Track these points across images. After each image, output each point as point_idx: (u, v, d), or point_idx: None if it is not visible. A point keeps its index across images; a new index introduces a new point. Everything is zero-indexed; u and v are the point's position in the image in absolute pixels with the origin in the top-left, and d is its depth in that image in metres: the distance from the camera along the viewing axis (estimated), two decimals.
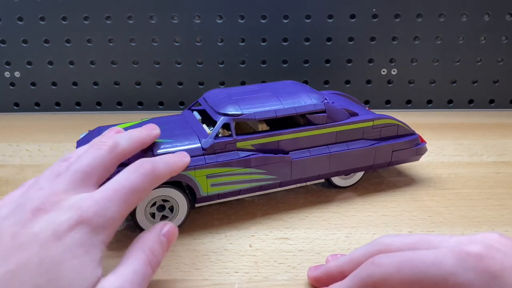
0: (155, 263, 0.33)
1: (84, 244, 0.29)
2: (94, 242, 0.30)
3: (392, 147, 0.52)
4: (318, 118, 0.48)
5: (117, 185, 0.33)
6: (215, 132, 0.45)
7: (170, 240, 0.35)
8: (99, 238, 0.30)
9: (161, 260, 0.34)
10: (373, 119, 0.51)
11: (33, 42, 0.76)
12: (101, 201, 0.31)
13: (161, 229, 0.35)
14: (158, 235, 0.34)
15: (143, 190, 0.35)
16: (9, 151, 0.65)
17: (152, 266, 0.32)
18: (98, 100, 0.80)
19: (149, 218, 0.44)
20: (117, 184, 0.33)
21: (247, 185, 0.47)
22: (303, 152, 0.48)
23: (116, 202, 0.32)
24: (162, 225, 0.36)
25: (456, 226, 0.46)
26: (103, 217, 0.31)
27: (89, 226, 0.30)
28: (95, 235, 0.30)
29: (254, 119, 0.46)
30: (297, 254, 0.42)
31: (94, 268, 0.29)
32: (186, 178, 0.44)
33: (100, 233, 0.30)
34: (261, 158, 0.46)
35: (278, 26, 0.75)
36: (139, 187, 0.34)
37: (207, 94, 0.52)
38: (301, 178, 0.49)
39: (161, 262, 0.34)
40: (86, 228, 0.30)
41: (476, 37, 0.76)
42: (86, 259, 0.29)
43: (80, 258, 0.29)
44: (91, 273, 0.29)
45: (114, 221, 0.32)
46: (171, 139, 0.45)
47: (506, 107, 0.81)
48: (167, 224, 0.36)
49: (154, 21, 0.75)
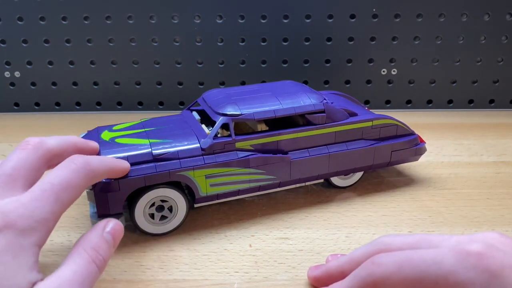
0: (100, 261, 0.31)
1: (12, 249, 0.28)
2: (23, 245, 0.28)
3: (391, 147, 0.52)
4: (317, 118, 0.48)
5: (45, 184, 0.32)
6: (214, 132, 0.45)
7: (116, 237, 0.34)
8: (29, 240, 0.29)
9: (108, 257, 0.32)
10: (372, 119, 0.51)
11: (33, 42, 0.76)
12: (28, 203, 0.30)
13: (104, 227, 0.33)
14: (102, 232, 0.33)
15: (77, 186, 0.33)
16: (9, 151, 0.65)
17: (98, 264, 0.31)
18: (98, 100, 0.80)
19: (148, 219, 0.44)
20: (45, 184, 0.32)
21: (246, 185, 0.47)
22: (302, 152, 0.48)
23: (46, 201, 0.31)
24: (105, 222, 0.34)
25: (456, 226, 0.46)
26: (31, 218, 0.29)
27: (15, 229, 0.28)
28: (23, 238, 0.29)
29: (253, 119, 0.46)
30: (297, 254, 0.42)
31: (26, 273, 0.28)
32: (185, 178, 0.44)
33: (30, 235, 0.29)
34: (260, 158, 0.46)
35: (278, 26, 0.75)
36: (71, 183, 0.33)
37: (206, 94, 0.52)
38: (300, 178, 0.49)
39: (109, 259, 0.32)
40: (12, 232, 0.28)
41: (476, 37, 0.76)
42: (14, 264, 0.28)
43: (8, 264, 0.27)
44: (22, 278, 0.28)
45: (46, 222, 0.30)
46: (170, 139, 0.45)
47: (506, 107, 0.80)
48: (111, 220, 0.34)
49: (154, 21, 0.75)
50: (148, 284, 0.39)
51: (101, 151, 0.44)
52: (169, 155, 0.44)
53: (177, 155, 0.44)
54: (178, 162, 0.43)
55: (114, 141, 0.45)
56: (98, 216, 0.42)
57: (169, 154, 0.44)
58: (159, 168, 0.43)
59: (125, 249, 0.43)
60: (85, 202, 0.51)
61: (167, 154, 0.44)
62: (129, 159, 0.43)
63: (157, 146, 0.44)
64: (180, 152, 0.44)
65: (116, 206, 0.42)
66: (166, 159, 0.43)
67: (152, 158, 0.43)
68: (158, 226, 0.45)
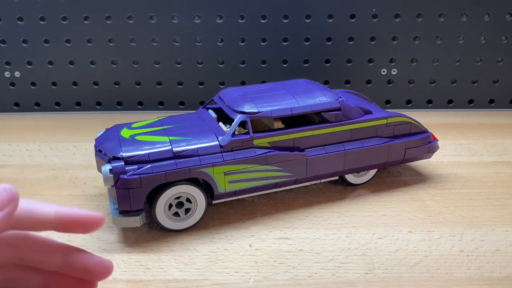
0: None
1: None
2: None
3: (405, 144, 0.52)
4: (333, 116, 0.49)
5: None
6: (233, 129, 0.46)
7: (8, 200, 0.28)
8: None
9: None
10: (387, 117, 0.51)
11: (33, 42, 0.76)
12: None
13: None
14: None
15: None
16: (9, 151, 0.65)
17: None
18: (98, 100, 0.80)
19: (168, 215, 0.45)
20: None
21: (264, 182, 0.47)
22: (318, 149, 0.49)
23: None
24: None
25: (456, 226, 0.46)
26: None
27: None
28: None
29: (270, 116, 0.46)
30: (297, 254, 0.42)
31: None
32: (204, 175, 0.44)
33: None
34: (278, 155, 0.46)
35: (278, 26, 0.75)
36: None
37: (222, 93, 0.52)
38: (316, 175, 0.49)
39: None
40: None
41: (476, 37, 0.76)
42: None
43: None
44: None
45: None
46: (189, 137, 0.46)
47: (506, 107, 0.80)
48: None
49: (154, 21, 0.75)
50: (148, 284, 0.39)
51: (122, 148, 0.44)
52: (189, 152, 0.44)
53: (197, 152, 0.44)
54: (198, 159, 0.44)
55: (134, 139, 0.46)
56: (119, 212, 0.43)
57: (189, 151, 0.44)
58: (180, 165, 0.43)
59: (125, 249, 0.43)
60: (85, 203, 0.52)
61: (187, 151, 0.44)
62: (150, 156, 0.43)
63: (177, 143, 0.45)
64: (199, 149, 0.44)
65: (138, 203, 0.42)
66: (186, 156, 0.44)
67: (172, 155, 0.44)
68: (178, 222, 0.45)
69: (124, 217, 0.43)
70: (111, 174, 0.42)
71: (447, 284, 0.38)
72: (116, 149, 0.44)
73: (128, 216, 0.43)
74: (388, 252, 0.43)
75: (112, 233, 0.46)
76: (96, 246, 0.44)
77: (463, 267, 0.40)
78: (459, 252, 0.42)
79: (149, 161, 0.43)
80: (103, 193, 0.53)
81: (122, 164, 0.42)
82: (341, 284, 0.39)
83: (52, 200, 0.52)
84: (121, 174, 0.42)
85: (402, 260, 0.41)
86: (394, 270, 0.40)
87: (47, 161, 0.62)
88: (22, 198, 0.30)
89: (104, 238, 0.45)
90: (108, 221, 0.47)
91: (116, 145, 0.45)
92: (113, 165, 0.42)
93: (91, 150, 0.65)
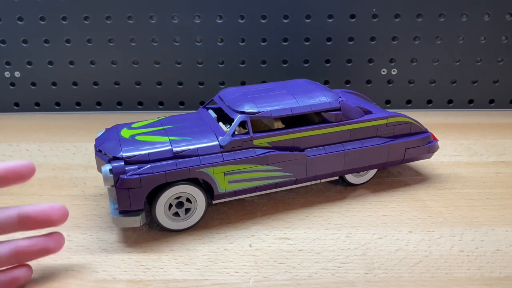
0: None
1: None
2: None
3: (405, 144, 0.52)
4: (333, 116, 0.49)
5: None
6: (233, 129, 0.46)
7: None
8: None
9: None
10: (387, 117, 0.51)
11: (33, 42, 0.76)
12: None
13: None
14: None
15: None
16: (9, 151, 0.65)
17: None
18: (98, 100, 0.80)
19: (168, 215, 0.45)
20: None
21: (264, 182, 0.47)
22: (318, 149, 0.49)
23: None
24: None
25: (456, 226, 0.46)
26: None
27: None
28: None
29: (270, 116, 0.46)
30: (297, 254, 0.42)
31: None
32: (204, 175, 0.44)
33: None
34: (278, 155, 0.46)
35: (278, 26, 0.75)
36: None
37: (222, 93, 0.52)
38: (316, 175, 0.49)
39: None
40: None
41: (476, 37, 0.76)
42: None
43: None
44: None
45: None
46: (189, 137, 0.46)
47: (506, 107, 0.80)
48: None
49: (154, 21, 0.75)
50: (148, 284, 0.39)
51: (122, 148, 0.44)
52: (189, 152, 0.44)
53: (197, 152, 0.44)
54: (198, 159, 0.44)
55: (134, 139, 0.46)
56: (119, 212, 0.43)
57: (189, 151, 0.44)
58: (180, 165, 0.43)
59: (125, 249, 0.43)
60: (85, 203, 0.52)
61: (187, 151, 0.44)
62: (150, 156, 0.43)
63: (177, 143, 0.45)
64: (199, 149, 0.44)
65: (138, 203, 0.42)
66: (186, 156, 0.44)
67: (172, 155, 0.44)
68: (178, 222, 0.45)
69: (124, 217, 0.43)
70: (111, 174, 0.42)
71: (447, 284, 0.38)
72: (116, 149, 0.44)
73: (128, 216, 0.43)
74: (388, 252, 0.43)
75: (112, 233, 0.46)
76: (96, 246, 0.44)
77: (463, 267, 0.40)
78: (459, 252, 0.42)
79: (149, 161, 0.43)
80: (103, 193, 0.53)
81: (122, 164, 0.42)
82: (341, 284, 0.39)
83: (52, 200, 0.52)
84: (121, 174, 0.42)
85: (402, 260, 0.41)
86: (394, 270, 0.40)
87: (47, 161, 0.62)
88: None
89: (104, 238, 0.45)
90: (108, 221, 0.48)
91: (116, 145, 0.45)
92: (113, 165, 0.42)
93: (91, 150, 0.65)
